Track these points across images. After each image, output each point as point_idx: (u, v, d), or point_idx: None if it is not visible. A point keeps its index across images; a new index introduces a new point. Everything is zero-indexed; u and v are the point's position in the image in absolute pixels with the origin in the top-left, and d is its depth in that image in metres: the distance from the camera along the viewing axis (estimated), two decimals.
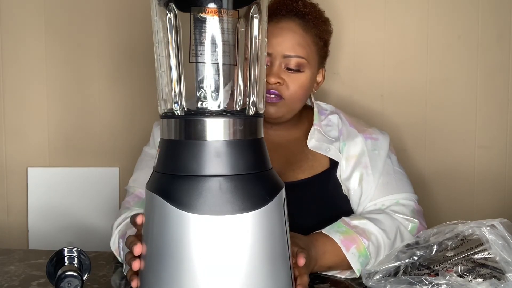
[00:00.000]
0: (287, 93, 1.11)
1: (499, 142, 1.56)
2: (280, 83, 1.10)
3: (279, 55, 1.10)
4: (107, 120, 1.61)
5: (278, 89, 1.10)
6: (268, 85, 1.09)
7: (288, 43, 1.11)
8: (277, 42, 1.10)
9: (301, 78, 1.12)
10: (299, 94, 1.13)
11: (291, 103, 1.13)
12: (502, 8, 1.53)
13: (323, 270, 1.01)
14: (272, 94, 1.10)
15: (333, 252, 0.99)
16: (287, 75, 1.11)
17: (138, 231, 0.82)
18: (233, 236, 0.70)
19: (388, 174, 1.15)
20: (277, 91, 1.10)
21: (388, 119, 1.56)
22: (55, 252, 0.93)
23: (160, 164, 0.75)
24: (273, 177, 0.76)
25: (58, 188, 1.61)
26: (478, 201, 1.57)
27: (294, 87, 1.11)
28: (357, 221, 1.04)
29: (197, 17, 0.74)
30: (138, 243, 0.77)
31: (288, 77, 1.11)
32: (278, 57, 1.10)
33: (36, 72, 1.60)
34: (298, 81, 1.12)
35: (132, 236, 0.84)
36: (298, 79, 1.12)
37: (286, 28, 1.12)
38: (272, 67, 1.11)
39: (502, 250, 0.83)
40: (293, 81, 1.11)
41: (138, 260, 0.77)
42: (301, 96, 1.14)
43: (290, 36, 1.11)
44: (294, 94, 1.12)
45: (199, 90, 0.75)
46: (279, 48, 1.10)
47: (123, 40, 1.59)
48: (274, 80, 1.09)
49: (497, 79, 1.54)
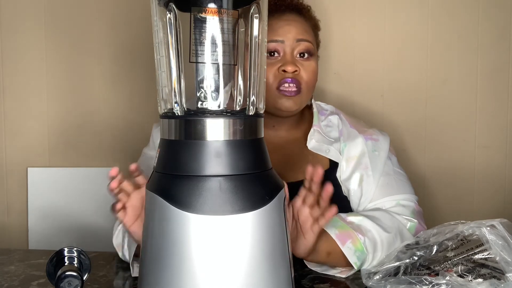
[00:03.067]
0: (303, 82, 1.13)
1: (499, 142, 1.56)
2: (297, 72, 1.12)
3: (292, 40, 1.13)
4: (107, 120, 1.61)
5: (297, 78, 1.12)
6: (285, 74, 1.11)
7: (298, 29, 1.15)
8: (287, 29, 1.14)
9: (312, 64, 1.15)
10: (313, 82, 1.16)
11: (307, 92, 1.15)
12: (502, 8, 1.53)
13: (321, 258, 1.00)
14: (292, 83, 1.11)
15: (329, 243, 1.00)
16: (300, 63, 1.13)
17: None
18: (233, 236, 0.69)
19: (388, 175, 1.15)
20: (296, 79, 1.11)
21: (388, 119, 1.56)
22: (55, 252, 0.93)
23: (160, 164, 0.75)
24: (273, 177, 0.76)
25: (58, 188, 1.61)
26: (478, 201, 1.57)
27: (308, 74, 1.14)
28: (353, 217, 1.04)
29: (197, 17, 0.74)
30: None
31: (301, 66, 1.13)
32: (290, 43, 1.13)
33: (36, 72, 1.60)
34: (311, 68, 1.14)
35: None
36: (310, 66, 1.15)
37: (292, 19, 1.16)
38: (285, 56, 1.13)
39: (502, 250, 0.83)
40: (307, 69, 1.13)
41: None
42: (313, 84, 1.17)
43: (297, 24, 1.16)
44: (309, 82, 1.14)
45: (199, 90, 0.75)
46: (290, 35, 1.13)
47: (123, 40, 1.59)
48: (292, 68, 1.11)
49: (497, 79, 1.54)
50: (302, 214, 0.94)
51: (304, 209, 0.93)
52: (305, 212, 0.93)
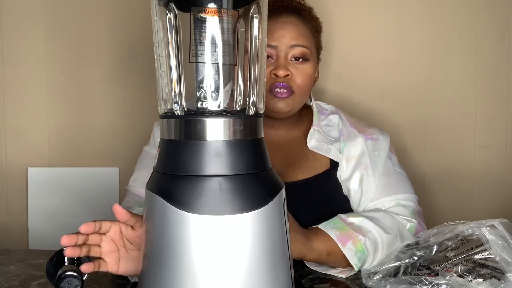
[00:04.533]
0: (296, 85, 1.12)
1: (499, 142, 1.56)
2: (289, 76, 1.11)
3: (285, 46, 1.12)
4: (107, 120, 1.61)
5: (288, 82, 1.12)
6: (277, 78, 1.11)
7: (293, 33, 1.13)
8: (282, 34, 1.13)
9: (307, 68, 1.14)
10: (307, 86, 1.15)
11: (300, 95, 1.14)
12: (502, 8, 1.53)
13: (321, 258, 1.00)
14: (282, 88, 1.11)
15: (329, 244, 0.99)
16: (293, 67, 1.13)
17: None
18: (233, 236, 0.69)
19: (389, 175, 1.15)
20: (287, 84, 1.11)
21: (388, 119, 1.56)
22: (55, 252, 0.93)
23: (160, 164, 0.75)
24: (273, 177, 0.76)
25: (58, 188, 1.61)
26: (478, 201, 1.57)
27: (302, 78, 1.13)
28: (353, 218, 1.04)
29: (197, 17, 0.74)
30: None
31: (295, 69, 1.12)
32: (284, 48, 1.12)
33: (36, 72, 1.60)
34: (305, 71, 1.14)
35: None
36: (305, 69, 1.14)
37: (288, 22, 1.15)
38: (278, 60, 1.12)
39: (502, 250, 0.83)
40: (300, 72, 1.13)
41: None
42: (308, 87, 1.16)
43: (293, 27, 1.14)
44: (303, 86, 1.14)
45: (199, 90, 0.75)
46: (284, 40, 1.12)
47: (123, 40, 1.59)
48: (283, 72, 1.10)
49: (497, 79, 1.54)
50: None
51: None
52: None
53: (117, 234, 0.87)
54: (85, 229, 0.83)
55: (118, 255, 0.87)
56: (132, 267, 0.88)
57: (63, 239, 0.82)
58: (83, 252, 0.84)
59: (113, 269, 0.87)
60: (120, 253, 0.87)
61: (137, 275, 0.80)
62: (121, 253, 0.87)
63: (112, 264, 0.87)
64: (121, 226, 0.87)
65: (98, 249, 0.86)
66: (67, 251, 0.82)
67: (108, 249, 0.87)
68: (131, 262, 0.87)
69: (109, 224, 0.87)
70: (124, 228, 0.87)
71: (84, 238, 0.84)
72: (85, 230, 0.83)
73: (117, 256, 0.87)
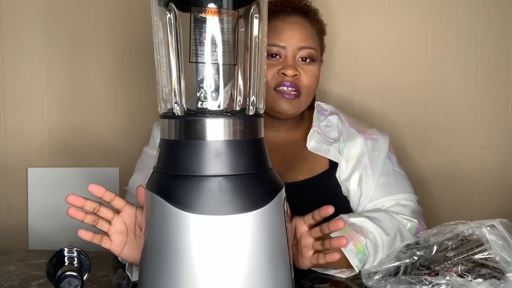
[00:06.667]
0: (303, 86, 1.13)
1: (499, 142, 1.56)
2: (297, 76, 1.12)
3: (294, 47, 1.12)
4: (107, 120, 1.61)
5: (295, 82, 1.12)
6: (284, 77, 1.11)
7: (302, 35, 1.14)
8: (291, 34, 1.13)
9: (314, 69, 1.15)
10: (313, 86, 1.16)
11: (306, 97, 1.15)
12: (502, 8, 1.53)
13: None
14: (290, 87, 1.11)
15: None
16: (301, 67, 1.13)
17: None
18: (233, 236, 0.70)
19: (388, 175, 1.15)
20: (294, 84, 1.11)
21: (388, 119, 1.56)
22: (55, 252, 0.93)
23: (160, 164, 0.75)
24: (273, 177, 0.76)
25: (58, 188, 1.61)
26: (478, 201, 1.57)
27: (309, 79, 1.13)
28: (354, 218, 1.04)
29: (197, 17, 0.74)
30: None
31: (302, 70, 1.13)
32: (292, 49, 1.12)
33: (36, 72, 1.60)
34: (312, 72, 1.14)
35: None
36: (311, 70, 1.14)
37: (297, 23, 1.15)
38: (286, 59, 1.12)
39: (502, 250, 0.83)
40: (307, 73, 1.13)
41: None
42: (314, 88, 1.17)
43: (301, 29, 1.15)
44: (309, 86, 1.14)
45: (199, 90, 0.76)
46: (293, 41, 1.13)
47: (123, 40, 1.59)
48: (292, 72, 1.11)
49: (497, 79, 1.54)
50: (305, 241, 0.93)
51: (307, 238, 0.93)
52: (308, 241, 0.93)
53: (131, 217, 0.88)
54: (93, 189, 0.84)
55: (125, 238, 0.88)
56: (135, 254, 0.88)
57: (69, 197, 0.82)
58: (87, 219, 0.85)
59: (116, 250, 0.88)
60: (128, 238, 0.88)
61: (137, 265, 0.80)
62: (129, 237, 0.88)
63: (117, 245, 0.88)
64: (138, 211, 0.87)
65: (107, 224, 0.87)
66: (70, 210, 0.83)
67: (118, 230, 0.87)
68: (136, 249, 0.88)
69: (123, 202, 0.87)
70: (140, 214, 0.87)
71: (94, 206, 0.85)
72: (93, 190, 0.84)
73: (124, 239, 0.88)
